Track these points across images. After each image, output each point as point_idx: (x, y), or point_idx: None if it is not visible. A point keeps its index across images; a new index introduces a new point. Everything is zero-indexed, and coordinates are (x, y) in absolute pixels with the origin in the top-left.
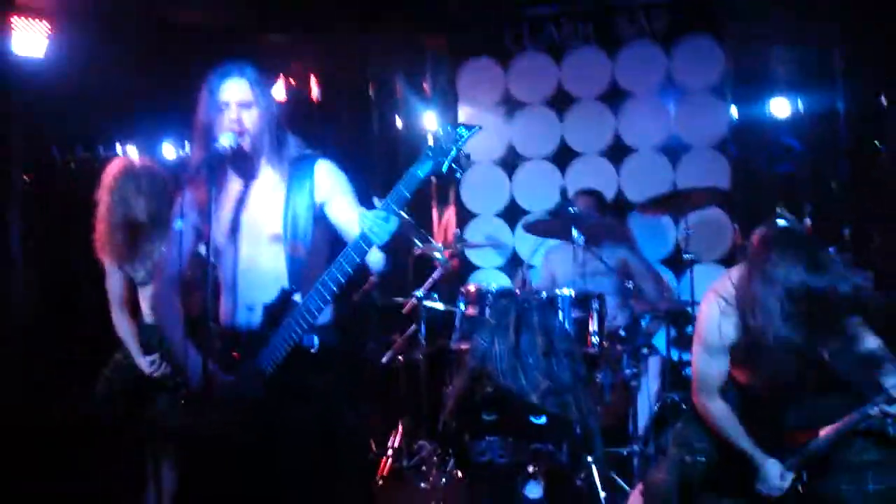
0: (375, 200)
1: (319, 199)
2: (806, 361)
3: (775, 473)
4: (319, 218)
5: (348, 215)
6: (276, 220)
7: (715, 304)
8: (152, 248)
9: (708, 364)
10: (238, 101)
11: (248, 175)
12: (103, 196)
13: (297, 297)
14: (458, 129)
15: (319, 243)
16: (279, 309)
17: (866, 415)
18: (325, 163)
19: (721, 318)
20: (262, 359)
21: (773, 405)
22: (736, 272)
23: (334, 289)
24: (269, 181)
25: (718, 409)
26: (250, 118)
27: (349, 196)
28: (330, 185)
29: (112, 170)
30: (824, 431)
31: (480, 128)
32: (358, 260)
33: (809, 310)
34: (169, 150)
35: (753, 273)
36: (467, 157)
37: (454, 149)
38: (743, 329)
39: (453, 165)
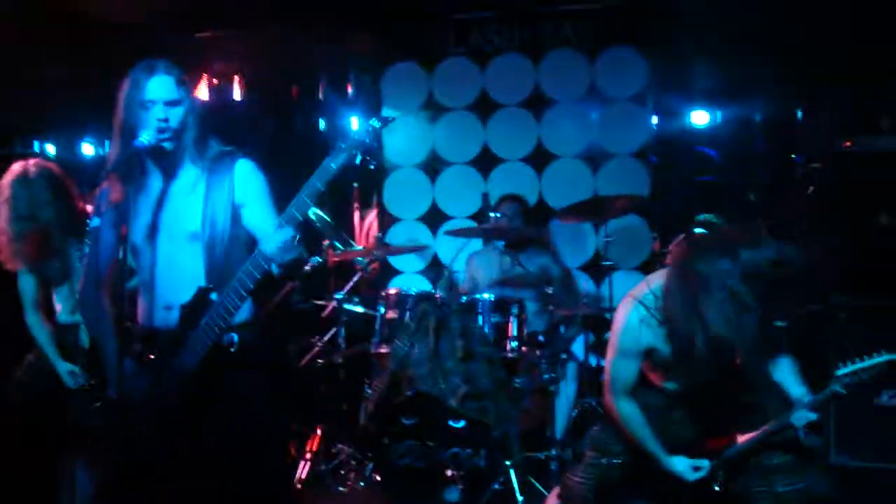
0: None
1: (238, 200)
2: (727, 368)
3: (685, 467)
4: (237, 217)
5: (261, 223)
6: (194, 217)
7: (633, 309)
8: (62, 246)
9: (619, 367)
10: (165, 100)
11: (168, 173)
12: (1, 209)
13: (214, 296)
14: (370, 121)
15: (237, 242)
16: (196, 308)
17: (785, 425)
18: (245, 163)
19: (639, 324)
20: (181, 359)
21: (692, 409)
22: (655, 278)
23: (250, 285)
24: (188, 179)
25: (625, 411)
26: (176, 116)
27: (265, 202)
28: (248, 187)
29: (5, 179)
30: (742, 438)
31: (394, 119)
32: (258, 276)
33: (742, 297)
34: (88, 148)
35: (678, 278)
36: (380, 148)
37: (367, 139)
38: (667, 335)
39: (366, 157)
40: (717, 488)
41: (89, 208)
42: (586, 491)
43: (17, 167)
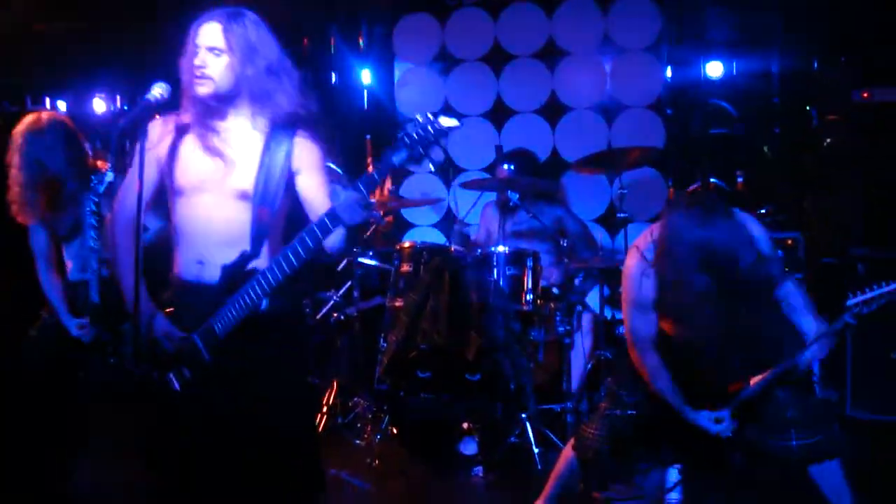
0: (342, 175)
1: (294, 167)
2: (726, 313)
3: (707, 420)
4: (290, 186)
5: (316, 192)
6: (247, 175)
7: (636, 259)
8: (74, 200)
9: (634, 319)
10: (208, 46)
11: (218, 123)
12: (12, 158)
13: (254, 264)
14: (437, 122)
15: (283, 212)
16: (237, 272)
17: (794, 363)
18: (307, 133)
19: (641, 273)
20: (216, 321)
21: (700, 357)
22: (657, 228)
23: (295, 263)
24: (246, 134)
25: (651, 364)
26: (219, 66)
27: (321, 174)
28: (307, 156)
29: (18, 130)
30: (754, 380)
31: (459, 125)
32: (322, 237)
33: (715, 262)
34: (99, 104)
35: (664, 229)
36: (444, 149)
37: (432, 141)
38: (660, 283)
39: (430, 156)
40: (729, 434)
41: (100, 164)
42: (601, 442)
43: (29, 118)
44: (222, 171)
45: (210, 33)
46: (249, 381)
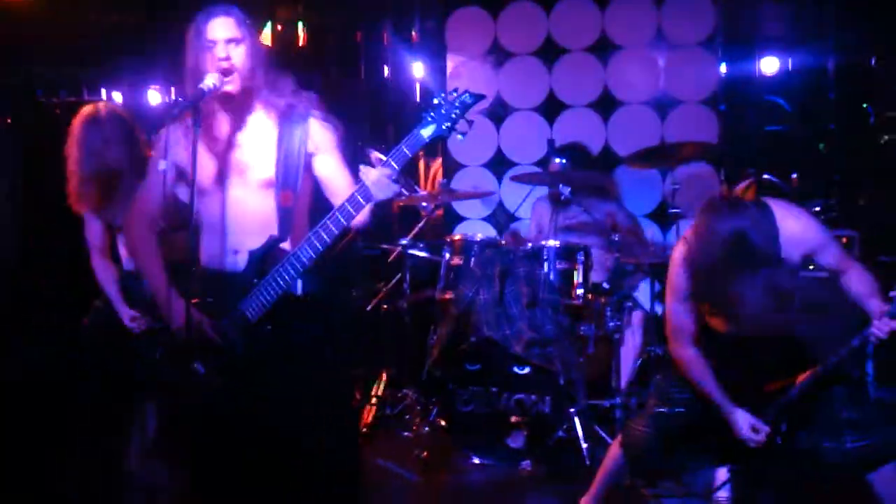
0: (376, 154)
1: (310, 150)
2: (766, 308)
3: (744, 424)
4: (308, 168)
5: (334, 172)
6: (268, 164)
7: (679, 250)
8: (130, 191)
9: (675, 312)
10: (225, 38)
11: (238, 115)
12: (71, 149)
13: (284, 246)
14: (462, 96)
15: (306, 193)
16: (266, 256)
17: (841, 357)
18: (320, 116)
19: (680, 263)
20: (247, 306)
21: (747, 355)
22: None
23: (327, 240)
24: (261, 124)
25: (690, 359)
26: (239, 55)
27: (337, 154)
28: (322, 138)
29: (77, 121)
30: (801, 378)
31: (484, 96)
32: (354, 213)
33: (747, 253)
34: (154, 95)
35: (697, 219)
36: (469, 122)
37: (458, 114)
38: (700, 275)
39: (456, 129)
40: (779, 441)
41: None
42: (649, 440)
43: (87, 109)
44: (245, 163)
45: (224, 26)
46: (283, 365)
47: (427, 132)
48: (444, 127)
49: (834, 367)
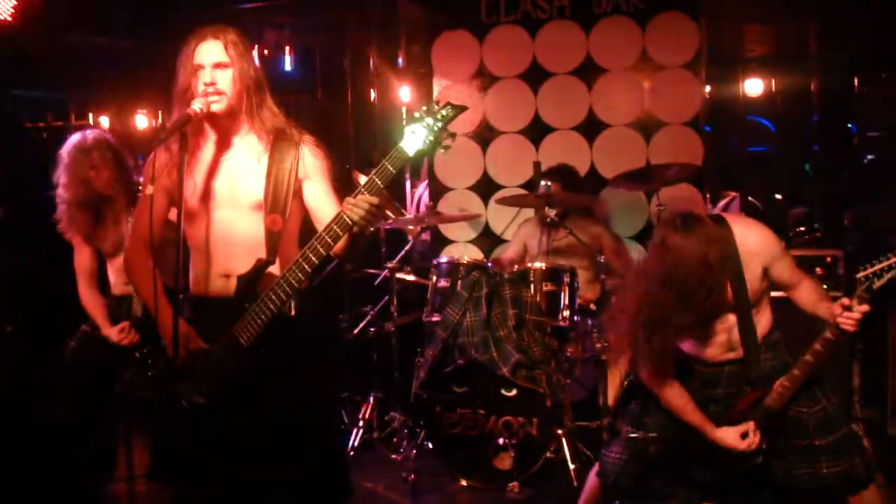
0: (357, 175)
1: (300, 175)
2: (736, 324)
3: (733, 437)
4: (298, 193)
5: (322, 198)
6: (256, 187)
7: (636, 278)
8: (116, 218)
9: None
10: (212, 63)
11: (225, 138)
12: (60, 176)
13: (272, 269)
14: (444, 109)
15: (296, 218)
16: (255, 280)
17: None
18: (311, 142)
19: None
20: (240, 330)
21: (718, 375)
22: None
23: (315, 261)
24: (249, 146)
25: (664, 384)
26: (225, 80)
27: (327, 181)
28: (312, 164)
29: (65, 148)
30: (777, 384)
31: (466, 108)
32: (341, 234)
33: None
34: (142, 119)
35: (651, 242)
36: (452, 135)
37: (440, 127)
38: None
39: (438, 143)
40: (759, 460)
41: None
42: (623, 466)
43: (76, 137)
44: (234, 186)
45: (212, 50)
46: (272, 389)
47: (410, 147)
48: (426, 141)
49: (809, 366)
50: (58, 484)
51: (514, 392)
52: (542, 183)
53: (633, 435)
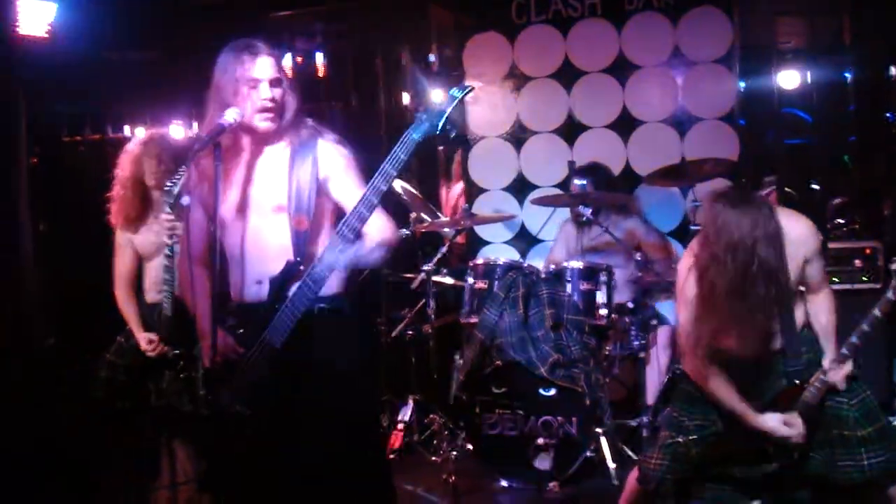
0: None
1: (322, 174)
2: (772, 315)
3: (777, 423)
4: (322, 192)
5: (349, 194)
6: (280, 191)
7: (686, 262)
8: (157, 215)
9: (688, 323)
10: (270, 79)
11: (258, 147)
12: (126, 163)
13: (302, 269)
14: (450, 91)
15: (322, 216)
16: (285, 281)
17: (849, 351)
18: (328, 138)
19: (687, 269)
20: (272, 333)
21: (757, 364)
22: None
23: (339, 257)
24: (275, 151)
25: (709, 371)
26: (279, 95)
27: (351, 174)
28: (332, 161)
29: (140, 139)
30: (814, 378)
31: (472, 88)
32: (358, 226)
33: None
34: (177, 130)
35: (703, 231)
36: (462, 118)
37: (448, 108)
38: (706, 280)
39: (447, 126)
40: (795, 456)
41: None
42: (663, 472)
43: (150, 132)
44: (262, 192)
45: (267, 66)
46: (311, 392)
47: (419, 132)
48: (436, 124)
49: (846, 357)
50: (96, 494)
51: (552, 392)
52: (576, 182)
53: (672, 440)
